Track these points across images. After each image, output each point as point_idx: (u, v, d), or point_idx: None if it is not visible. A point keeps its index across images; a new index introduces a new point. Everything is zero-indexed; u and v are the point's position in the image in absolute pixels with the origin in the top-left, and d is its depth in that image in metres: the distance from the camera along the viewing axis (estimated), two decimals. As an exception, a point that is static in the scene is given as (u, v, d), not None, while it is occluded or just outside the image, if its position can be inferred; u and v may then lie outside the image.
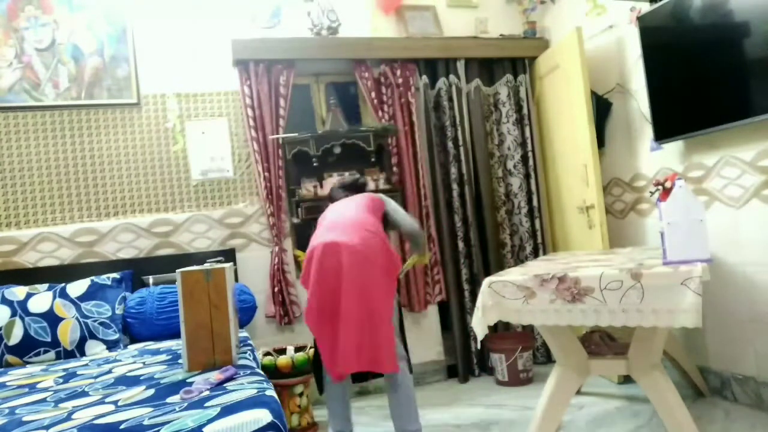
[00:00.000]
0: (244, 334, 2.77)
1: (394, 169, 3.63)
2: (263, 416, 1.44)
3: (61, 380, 2.14)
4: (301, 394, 3.00)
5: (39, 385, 2.09)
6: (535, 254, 3.82)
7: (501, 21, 4.03)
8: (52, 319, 2.65)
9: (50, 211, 3.16)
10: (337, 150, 3.49)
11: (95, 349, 2.67)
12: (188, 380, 1.88)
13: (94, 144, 3.25)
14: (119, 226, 3.23)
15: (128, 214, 3.28)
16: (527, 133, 3.88)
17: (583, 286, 2.09)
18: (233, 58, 3.34)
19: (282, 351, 3.11)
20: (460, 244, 3.68)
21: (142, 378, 2.01)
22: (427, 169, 3.72)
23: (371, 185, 3.54)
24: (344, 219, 2.56)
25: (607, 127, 3.50)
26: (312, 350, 2.79)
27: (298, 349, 3.10)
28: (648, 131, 3.12)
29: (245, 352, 2.30)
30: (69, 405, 1.74)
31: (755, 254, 2.63)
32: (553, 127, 3.79)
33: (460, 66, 3.81)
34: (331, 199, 2.96)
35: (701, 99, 2.71)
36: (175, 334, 2.86)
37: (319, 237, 2.52)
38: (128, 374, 2.10)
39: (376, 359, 2.35)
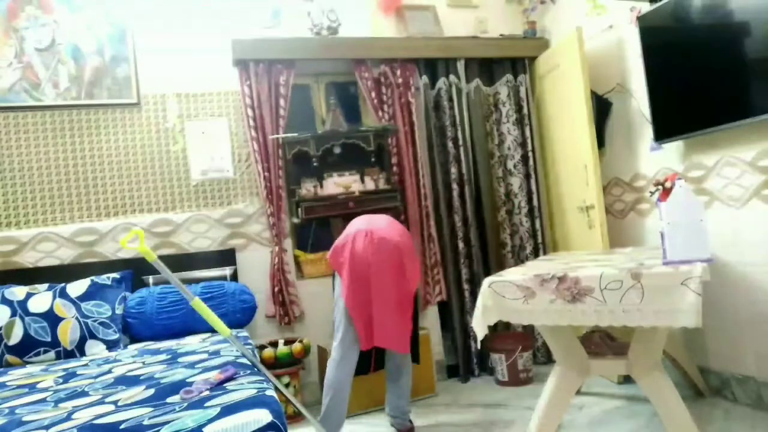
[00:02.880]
0: (244, 333, 2.77)
1: (394, 169, 3.63)
2: (263, 416, 1.44)
3: (61, 380, 2.14)
4: (288, 385, 3.12)
5: (39, 385, 2.09)
6: (536, 254, 3.82)
7: (501, 21, 4.03)
8: (52, 319, 2.65)
9: (50, 211, 3.16)
10: (337, 150, 3.49)
11: (95, 349, 2.67)
12: (188, 380, 1.88)
13: (94, 144, 3.25)
14: (119, 226, 3.23)
15: (128, 214, 3.28)
16: (527, 133, 3.88)
17: (583, 286, 2.09)
18: (233, 58, 3.34)
19: (275, 344, 3.24)
20: (460, 244, 3.68)
21: (142, 378, 2.01)
22: (427, 169, 3.72)
23: (371, 185, 3.54)
24: (379, 218, 2.83)
25: (607, 127, 3.50)
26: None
27: (288, 342, 3.23)
28: (648, 131, 3.12)
29: (245, 352, 2.30)
30: (69, 405, 1.74)
31: (755, 254, 2.63)
32: (553, 127, 3.79)
33: (460, 66, 3.81)
34: None
35: (701, 99, 2.71)
36: (175, 334, 2.87)
37: (355, 226, 2.75)
38: (128, 374, 2.10)
39: (398, 338, 2.64)
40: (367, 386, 3.12)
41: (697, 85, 2.73)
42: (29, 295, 2.72)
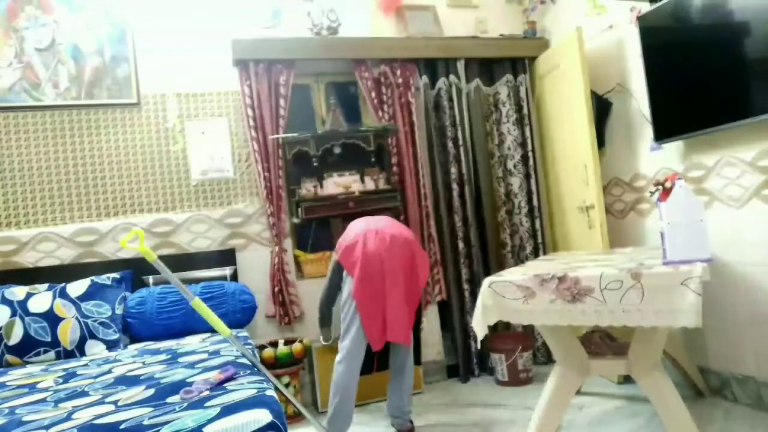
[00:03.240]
0: (244, 333, 2.77)
1: (394, 169, 3.63)
2: (263, 416, 1.44)
3: (60, 380, 2.14)
4: (288, 385, 3.13)
5: (39, 385, 2.09)
6: (536, 254, 3.82)
7: (501, 21, 4.03)
8: (52, 319, 2.65)
9: (50, 211, 3.16)
10: (337, 150, 3.49)
11: (95, 349, 2.67)
12: (188, 380, 1.88)
13: (94, 144, 3.25)
14: (119, 226, 3.23)
15: (128, 214, 3.28)
16: (527, 133, 3.88)
17: (583, 286, 2.09)
18: (233, 58, 3.34)
19: (275, 344, 3.24)
20: (460, 244, 3.68)
21: (142, 378, 2.01)
22: (427, 169, 3.72)
23: (371, 185, 3.54)
24: (381, 218, 2.88)
25: (607, 127, 3.50)
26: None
27: (288, 342, 3.24)
28: (648, 131, 3.12)
29: (245, 352, 2.30)
30: (69, 405, 1.74)
31: (755, 254, 2.63)
32: (553, 127, 3.79)
33: (460, 66, 3.80)
34: None
35: (701, 99, 2.71)
36: (175, 334, 2.87)
37: (360, 226, 2.79)
38: (128, 374, 2.10)
39: (407, 333, 2.70)
40: (370, 379, 3.14)
41: (697, 85, 2.73)
42: (29, 295, 2.72)
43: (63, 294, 2.75)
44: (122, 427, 1.44)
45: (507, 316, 2.25)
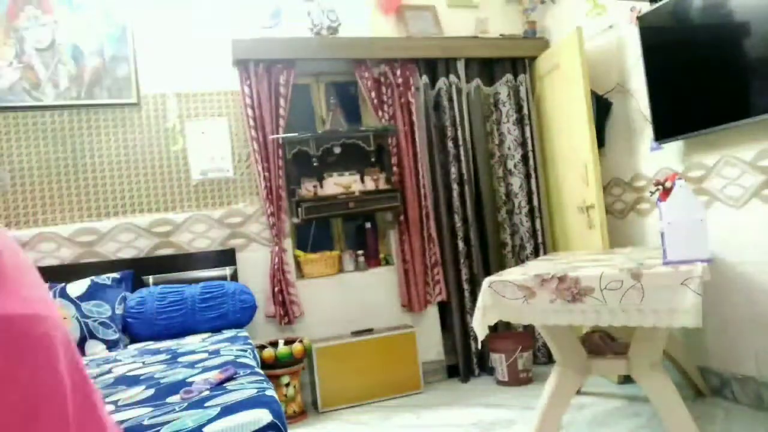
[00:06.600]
0: (244, 333, 2.77)
1: (394, 169, 3.63)
2: (263, 416, 1.44)
3: (61, 380, 2.13)
4: (287, 384, 3.14)
5: (39, 385, 2.08)
6: (536, 254, 3.82)
7: (501, 21, 4.03)
8: (52, 319, 2.64)
9: (50, 211, 3.16)
10: (337, 150, 3.49)
11: (95, 349, 2.67)
12: (188, 380, 1.88)
13: (94, 144, 3.25)
14: (119, 226, 3.23)
15: (128, 214, 3.27)
16: (527, 133, 3.88)
17: (583, 286, 2.09)
18: (233, 58, 3.34)
19: (275, 344, 3.23)
20: (460, 244, 3.68)
21: (142, 378, 2.01)
22: (427, 169, 3.71)
23: (371, 185, 3.53)
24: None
25: (607, 127, 3.50)
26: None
27: (288, 342, 3.23)
28: (648, 131, 3.12)
29: (245, 351, 2.30)
30: (69, 405, 1.73)
31: (755, 254, 2.63)
32: (553, 127, 3.79)
33: (460, 66, 3.80)
34: None
35: (701, 99, 2.71)
36: (175, 334, 2.87)
37: None
38: (128, 374, 2.10)
39: None
40: (370, 379, 3.14)
41: (697, 85, 2.73)
42: (29, 295, 2.71)
43: (63, 294, 2.75)
44: (122, 427, 1.44)
45: (507, 315, 2.25)
